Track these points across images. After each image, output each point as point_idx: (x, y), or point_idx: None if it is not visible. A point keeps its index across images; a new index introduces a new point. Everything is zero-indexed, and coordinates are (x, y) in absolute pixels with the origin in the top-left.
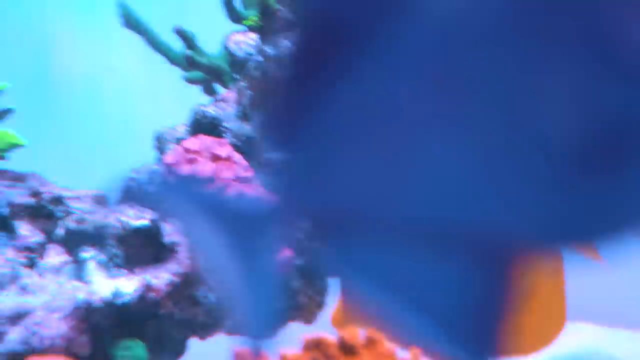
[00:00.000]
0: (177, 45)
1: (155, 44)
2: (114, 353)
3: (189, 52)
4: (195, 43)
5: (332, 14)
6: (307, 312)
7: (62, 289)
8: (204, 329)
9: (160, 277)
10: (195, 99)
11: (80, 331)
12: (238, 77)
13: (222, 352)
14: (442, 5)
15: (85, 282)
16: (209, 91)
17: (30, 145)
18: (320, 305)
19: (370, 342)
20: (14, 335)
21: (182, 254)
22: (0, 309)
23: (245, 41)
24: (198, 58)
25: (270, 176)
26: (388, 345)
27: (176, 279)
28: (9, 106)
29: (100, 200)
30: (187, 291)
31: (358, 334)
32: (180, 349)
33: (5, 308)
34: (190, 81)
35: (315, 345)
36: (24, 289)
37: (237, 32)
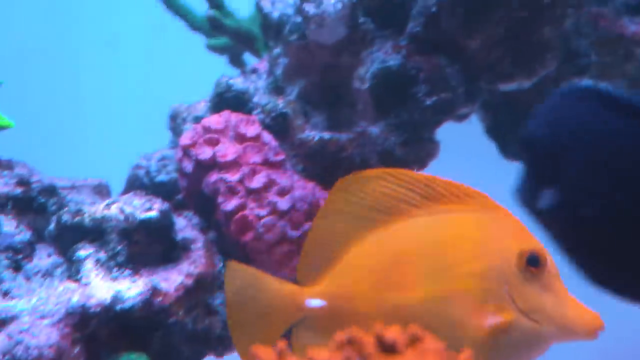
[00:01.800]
0: (198, 7)
1: (173, 5)
2: None
3: (212, 12)
4: (222, 2)
5: None
6: None
7: (52, 291)
8: (221, 344)
9: (170, 279)
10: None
11: (73, 341)
12: (271, 43)
13: None
14: None
15: (81, 284)
16: (236, 62)
17: (18, 127)
18: None
19: (414, 340)
20: None
21: (197, 252)
22: None
23: None
24: (224, 20)
25: None
26: (434, 343)
27: (189, 282)
28: None
29: (101, 191)
30: (201, 297)
31: (398, 331)
32: None
33: None
34: (214, 49)
35: (348, 343)
36: (6, 294)
37: None
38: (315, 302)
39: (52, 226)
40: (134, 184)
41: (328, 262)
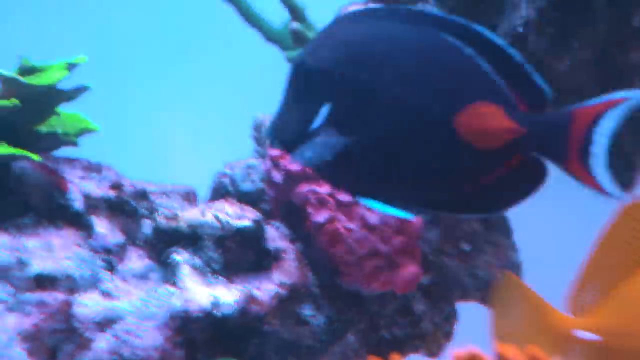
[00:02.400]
0: (275, 18)
1: (249, 15)
2: None
3: (295, 25)
4: (305, 15)
5: None
6: (432, 342)
7: (152, 293)
8: (311, 355)
9: (264, 288)
10: None
11: (175, 344)
12: None
13: None
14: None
15: (179, 288)
16: None
17: (103, 131)
18: (448, 334)
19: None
20: (102, 344)
21: (289, 262)
22: (84, 313)
23: None
24: (307, 33)
25: None
26: None
27: (284, 292)
28: (84, 83)
29: (189, 197)
30: (292, 307)
31: (518, 350)
32: None
33: (91, 312)
34: None
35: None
36: (106, 294)
37: (356, 1)
38: (585, 335)
39: (148, 229)
40: (219, 192)
41: (603, 294)
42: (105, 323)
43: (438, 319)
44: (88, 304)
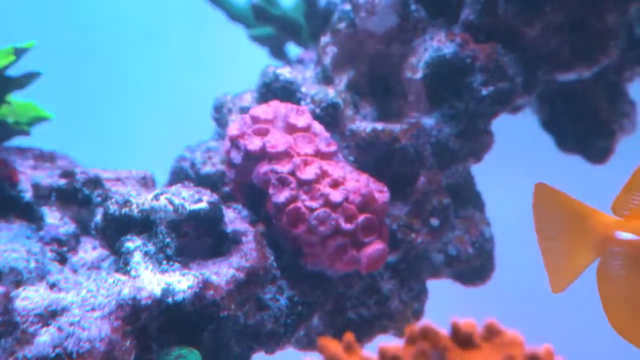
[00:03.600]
0: None
1: None
2: None
3: (258, 0)
4: None
5: None
6: (401, 321)
7: (102, 283)
8: (272, 340)
9: (221, 272)
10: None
11: (124, 334)
12: (318, 32)
13: None
14: None
15: (130, 276)
16: (278, 53)
17: (58, 119)
18: (417, 313)
19: (490, 333)
20: (46, 337)
21: (248, 245)
22: (25, 306)
23: None
24: (269, 9)
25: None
26: (513, 336)
27: (241, 276)
28: (36, 69)
29: (146, 183)
30: (253, 291)
31: (474, 323)
32: None
33: (33, 304)
34: (257, 39)
35: (422, 336)
36: (53, 286)
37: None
38: (628, 236)
39: (98, 218)
40: (179, 176)
41: None
42: (48, 316)
43: (407, 298)
44: (31, 297)
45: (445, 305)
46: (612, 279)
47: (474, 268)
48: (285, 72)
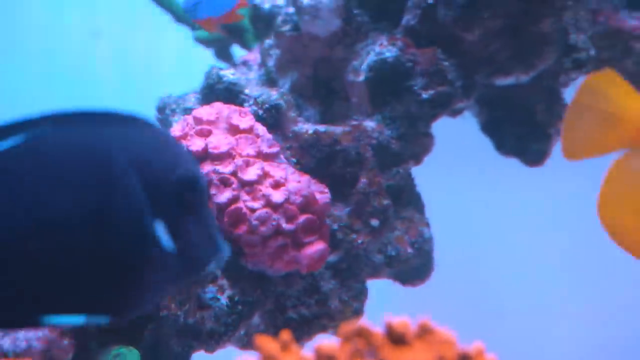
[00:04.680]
0: None
1: None
2: None
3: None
4: None
5: None
6: (340, 320)
7: None
8: (213, 339)
9: None
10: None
11: (61, 332)
12: (262, 35)
13: None
14: None
15: None
16: (223, 55)
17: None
18: (357, 312)
19: (423, 331)
20: None
21: None
22: None
23: None
24: None
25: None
26: (445, 335)
27: None
28: None
29: None
30: (193, 290)
31: (408, 322)
32: None
33: None
34: (201, 41)
35: (356, 335)
36: None
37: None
38: None
39: None
40: None
41: None
42: None
43: (347, 297)
44: None
45: (385, 304)
46: (628, 175)
47: (414, 268)
48: (229, 73)
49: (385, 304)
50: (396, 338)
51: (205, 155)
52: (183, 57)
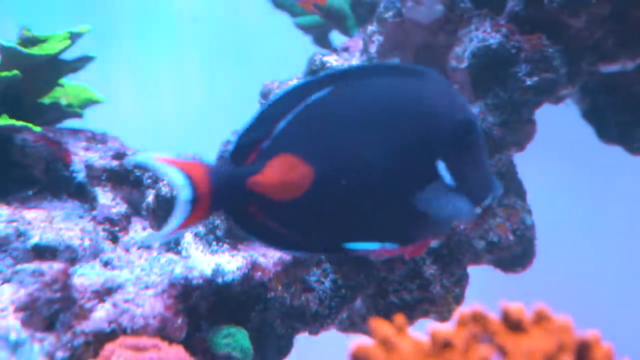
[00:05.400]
0: None
1: None
2: (213, 340)
3: None
4: None
5: None
6: (442, 306)
7: (155, 262)
8: (317, 321)
9: (269, 254)
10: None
11: (176, 312)
12: (364, 21)
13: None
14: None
15: (182, 256)
16: (322, 41)
17: (109, 102)
18: (458, 298)
19: (540, 318)
20: (102, 313)
21: None
22: (83, 283)
23: None
24: None
25: None
26: (562, 321)
27: (287, 258)
28: (89, 53)
29: None
30: (298, 273)
31: (524, 308)
32: (287, 344)
33: (89, 281)
34: (302, 27)
35: (472, 320)
36: (107, 264)
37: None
38: None
39: (149, 199)
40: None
41: None
42: (104, 292)
43: (448, 283)
44: (87, 274)
45: (485, 291)
46: None
47: (515, 255)
48: (332, 59)
49: (485, 290)
50: (513, 324)
51: None
52: (282, 43)
